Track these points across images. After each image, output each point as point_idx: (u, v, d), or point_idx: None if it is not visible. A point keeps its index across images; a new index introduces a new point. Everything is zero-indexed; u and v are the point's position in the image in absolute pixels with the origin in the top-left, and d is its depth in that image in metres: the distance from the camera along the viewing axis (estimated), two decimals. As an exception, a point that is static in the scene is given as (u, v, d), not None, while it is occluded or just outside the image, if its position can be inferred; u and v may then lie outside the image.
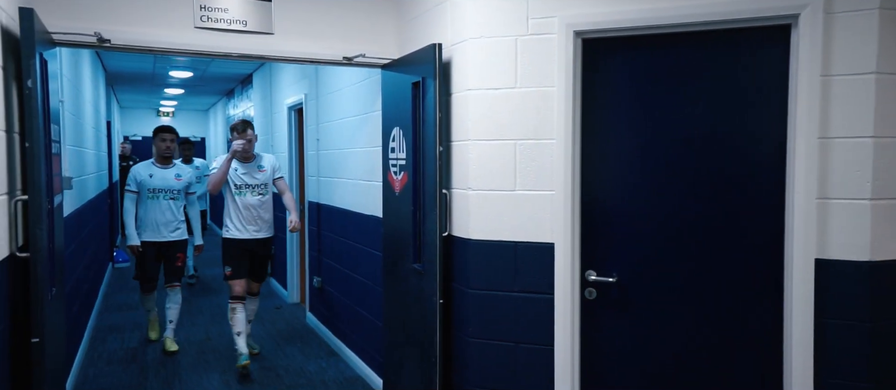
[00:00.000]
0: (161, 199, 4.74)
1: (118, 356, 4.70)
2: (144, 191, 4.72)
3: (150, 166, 4.80)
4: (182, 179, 4.85)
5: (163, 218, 4.77)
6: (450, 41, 2.84)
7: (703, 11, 2.31)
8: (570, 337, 2.57)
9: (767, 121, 2.32)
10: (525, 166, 2.61)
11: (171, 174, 4.83)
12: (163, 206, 4.76)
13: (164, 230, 4.79)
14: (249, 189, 4.37)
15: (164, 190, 4.76)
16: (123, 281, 7.48)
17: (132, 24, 2.86)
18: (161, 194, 4.75)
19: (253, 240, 4.41)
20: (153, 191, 4.72)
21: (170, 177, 4.81)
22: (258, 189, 4.42)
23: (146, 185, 4.72)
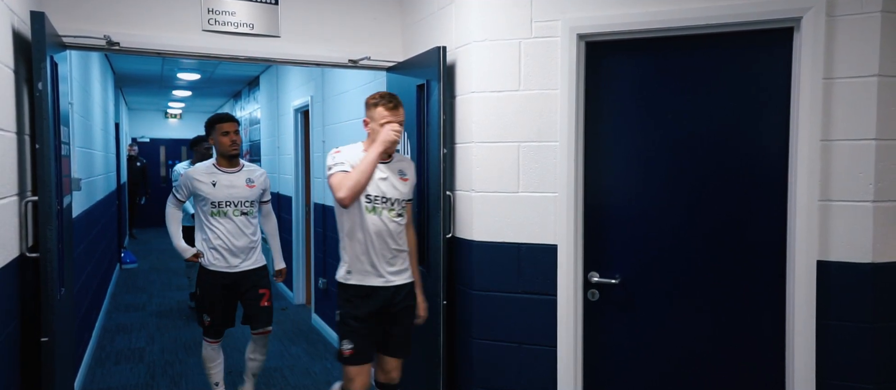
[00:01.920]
0: (230, 216, 3.40)
1: (126, 355, 4.75)
2: (204, 206, 3.42)
3: (210, 170, 3.45)
4: (255, 186, 3.48)
5: (234, 242, 3.40)
6: (454, 44, 2.86)
7: (705, 15, 2.32)
8: (573, 338, 2.58)
9: (770, 123, 2.33)
10: (528, 168, 2.62)
11: (241, 179, 3.45)
12: (233, 226, 3.39)
13: (236, 257, 3.40)
14: None
15: (233, 202, 3.41)
16: (132, 281, 7.55)
17: (141, 26, 2.89)
18: (230, 208, 3.40)
19: None
20: (218, 206, 3.39)
21: (240, 184, 3.44)
22: None
23: (207, 198, 3.39)
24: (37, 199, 2.33)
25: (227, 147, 3.45)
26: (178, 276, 7.92)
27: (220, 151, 3.48)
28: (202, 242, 3.44)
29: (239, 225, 3.43)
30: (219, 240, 3.40)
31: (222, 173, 3.47)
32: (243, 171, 3.53)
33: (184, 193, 3.53)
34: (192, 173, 3.46)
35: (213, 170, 3.48)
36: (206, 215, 3.43)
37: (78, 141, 4.62)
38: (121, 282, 7.54)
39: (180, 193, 3.55)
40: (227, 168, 3.49)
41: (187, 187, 3.48)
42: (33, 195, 2.40)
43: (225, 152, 3.47)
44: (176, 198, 3.57)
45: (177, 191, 3.56)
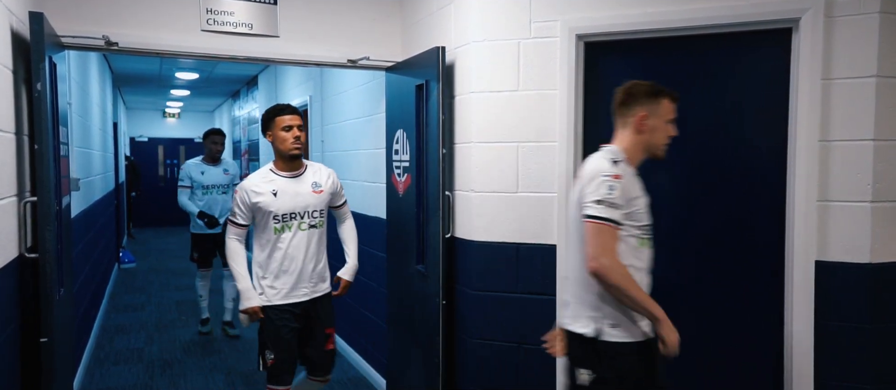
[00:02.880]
0: (297, 230, 2.73)
1: (124, 356, 4.74)
2: (264, 222, 2.71)
3: (268, 176, 2.75)
4: (323, 191, 2.82)
5: (306, 263, 2.75)
6: (453, 44, 2.86)
7: (704, 15, 2.33)
8: (572, 338, 2.58)
9: (768, 124, 2.34)
10: (527, 168, 2.63)
11: (306, 185, 2.79)
12: (300, 243, 2.74)
13: (305, 284, 2.76)
14: None
15: (299, 213, 2.74)
16: (130, 281, 7.54)
17: (139, 27, 2.89)
18: (295, 221, 2.73)
19: None
20: (281, 219, 2.71)
21: (306, 191, 2.77)
22: None
23: (268, 211, 2.69)
24: (36, 200, 2.33)
25: (289, 145, 2.72)
26: (176, 276, 7.91)
27: (282, 151, 2.74)
28: (260, 268, 2.74)
29: (307, 241, 2.75)
30: (283, 264, 2.71)
31: (283, 178, 2.75)
32: (307, 173, 2.82)
33: (245, 215, 2.72)
34: (248, 186, 2.71)
35: (270, 175, 2.76)
36: (265, 232, 2.72)
37: (76, 141, 4.61)
38: (119, 282, 7.53)
39: (242, 216, 2.72)
40: (288, 171, 2.77)
41: (246, 204, 2.70)
42: (32, 195, 2.39)
43: (287, 152, 2.73)
44: (237, 224, 2.74)
45: (237, 216, 2.73)
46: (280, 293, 2.72)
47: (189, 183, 5.06)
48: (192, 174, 5.08)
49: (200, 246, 5.20)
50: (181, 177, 5.09)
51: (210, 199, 5.10)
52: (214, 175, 5.14)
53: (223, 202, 5.12)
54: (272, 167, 2.79)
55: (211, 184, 5.11)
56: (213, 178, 5.12)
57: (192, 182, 5.06)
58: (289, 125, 2.75)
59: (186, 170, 5.11)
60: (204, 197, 5.09)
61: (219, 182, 5.15)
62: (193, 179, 5.06)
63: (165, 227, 13.31)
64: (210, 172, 5.12)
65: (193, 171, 5.09)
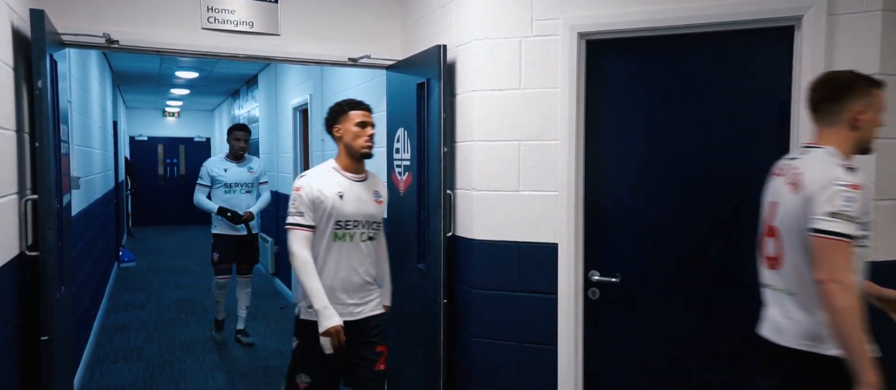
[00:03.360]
0: (357, 240, 2.46)
1: (124, 354, 4.74)
2: (323, 228, 2.41)
3: (334, 176, 2.46)
4: (382, 201, 2.58)
5: (357, 277, 2.47)
6: (454, 42, 2.86)
7: (706, 13, 2.32)
8: (573, 336, 2.58)
9: (770, 122, 2.33)
10: (529, 167, 2.62)
11: (369, 191, 2.53)
12: (358, 255, 2.47)
13: (357, 300, 2.48)
14: None
15: (361, 222, 2.47)
16: (130, 280, 7.54)
17: (140, 25, 2.89)
18: (357, 230, 2.46)
19: None
20: (344, 226, 2.43)
21: (368, 197, 2.51)
22: None
23: (331, 215, 2.40)
24: (36, 198, 2.33)
25: (362, 143, 2.45)
26: (176, 275, 7.92)
27: (353, 149, 2.45)
28: None
29: (365, 253, 2.48)
30: (338, 275, 2.42)
31: (349, 180, 2.46)
32: (370, 179, 2.55)
33: (310, 214, 2.38)
34: (312, 182, 2.40)
35: (335, 175, 2.45)
36: (321, 239, 2.41)
37: (76, 139, 4.61)
38: (119, 280, 7.53)
39: (309, 216, 2.38)
40: (354, 173, 2.49)
41: (313, 200, 2.38)
42: (33, 193, 2.39)
43: (358, 150, 2.45)
44: (304, 226, 2.38)
45: (304, 216, 2.38)
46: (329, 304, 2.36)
47: (208, 181, 4.87)
48: (212, 172, 4.87)
49: (221, 246, 4.93)
50: (200, 175, 4.91)
51: (233, 199, 4.87)
52: (238, 173, 4.93)
53: (247, 202, 4.93)
54: (335, 165, 2.48)
55: (234, 183, 4.89)
56: (236, 176, 4.91)
57: (212, 180, 4.86)
58: (363, 121, 2.48)
59: (206, 167, 4.92)
60: (226, 196, 4.87)
61: (242, 180, 4.92)
62: (214, 177, 4.86)
63: (165, 226, 13.31)
64: (233, 170, 4.92)
65: (214, 169, 4.89)
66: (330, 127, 2.54)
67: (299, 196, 2.39)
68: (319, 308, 2.32)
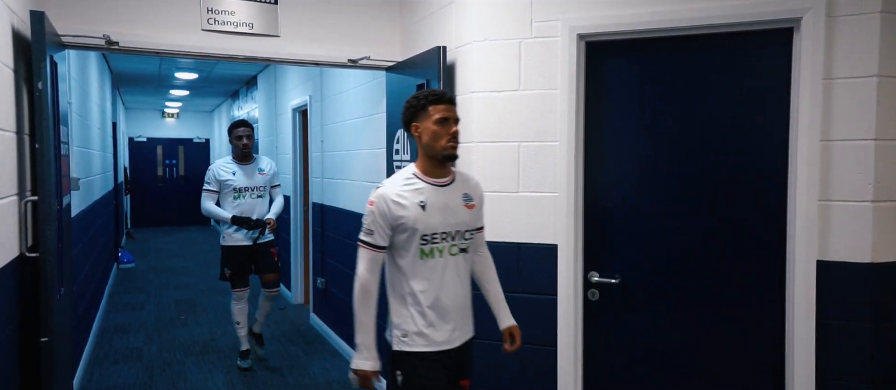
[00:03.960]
0: (447, 255, 2.09)
1: (124, 355, 4.74)
2: (405, 243, 2.05)
3: (412, 181, 2.09)
4: (474, 205, 2.18)
5: (452, 298, 2.11)
6: (454, 44, 2.86)
7: (705, 15, 2.33)
8: (573, 338, 2.58)
9: (770, 123, 2.34)
10: (528, 168, 2.62)
11: (458, 196, 2.14)
12: (451, 272, 2.10)
13: (452, 323, 2.11)
14: None
15: (450, 233, 2.10)
16: (129, 281, 7.54)
17: (140, 26, 2.89)
18: (446, 243, 2.09)
19: None
20: (430, 240, 2.05)
21: (457, 204, 2.13)
22: None
23: (414, 230, 2.03)
24: (36, 199, 2.33)
25: (444, 143, 2.05)
26: (175, 276, 7.92)
27: (435, 151, 2.06)
28: (400, 305, 2.09)
29: (458, 270, 2.13)
30: (429, 297, 2.07)
31: (432, 186, 2.09)
32: (458, 182, 2.16)
33: (386, 234, 2.04)
34: (388, 194, 2.03)
35: (415, 182, 2.08)
36: (406, 257, 2.06)
37: (76, 140, 4.61)
38: (118, 281, 7.53)
39: (381, 235, 2.04)
40: (437, 178, 2.11)
41: (387, 218, 2.03)
42: (33, 195, 2.39)
43: (441, 152, 2.05)
44: (375, 247, 2.05)
45: (374, 235, 2.04)
46: (429, 338, 2.05)
47: (216, 186, 4.30)
48: (220, 175, 4.30)
49: (233, 260, 4.29)
50: (206, 180, 4.33)
51: (244, 205, 4.29)
52: (248, 175, 4.32)
53: (259, 208, 4.34)
54: (416, 171, 2.10)
55: (245, 187, 4.29)
56: (246, 179, 4.30)
57: (220, 185, 4.29)
58: (445, 117, 2.05)
59: (213, 171, 4.34)
60: (236, 202, 4.28)
61: (254, 183, 4.33)
62: (222, 182, 4.29)
63: (164, 227, 13.32)
64: (243, 173, 4.31)
65: (222, 172, 4.31)
66: (407, 124, 2.13)
67: (371, 211, 2.05)
68: (359, 343, 2.06)
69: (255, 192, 4.36)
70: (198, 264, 8.78)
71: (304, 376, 4.34)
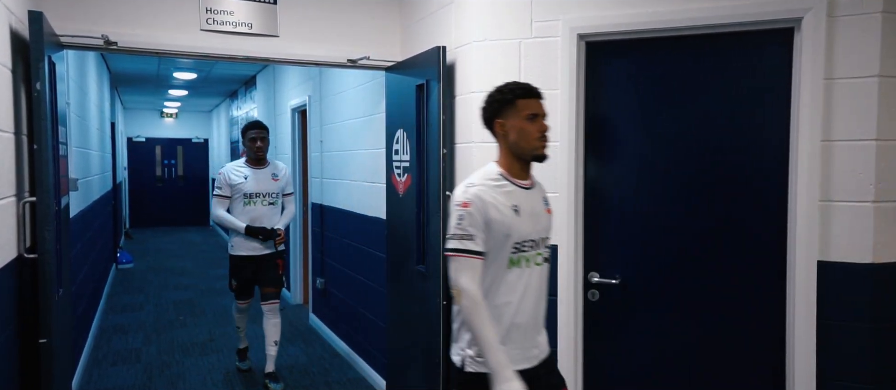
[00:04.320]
0: (533, 264, 1.95)
1: (123, 356, 4.72)
2: (498, 251, 1.89)
3: (503, 184, 1.94)
4: (551, 210, 2.09)
5: (536, 314, 1.98)
6: (454, 44, 2.85)
7: (706, 15, 2.32)
8: (573, 339, 2.58)
9: (770, 123, 2.33)
10: (529, 168, 2.61)
11: (540, 200, 2.04)
12: (536, 284, 1.96)
13: (535, 341, 1.99)
14: None
15: (536, 242, 1.97)
16: (128, 282, 7.53)
17: (138, 26, 2.88)
18: (532, 251, 1.95)
19: None
20: (519, 248, 1.91)
21: (541, 209, 2.02)
22: None
23: (509, 236, 1.88)
24: (35, 200, 2.32)
25: (534, 142, 1.92)
26: (174, 276, 7.91)
27: (524, 150, 1.92)
28: None
29: (540, 282, 1.97)
30: (518, 311, 1.90)
31: (521, 190, 1.95)
32: (538, 185, 2.05)
33: (483, 239, 1.84)
34: (484, 195, 1.86)
35: (505, 184, 1.92)
36: (491, 267, 1.88)
37: (75, 141, 4.60)
38: (117, 282, 7.51)
39: (480, 240, 1.84)
40: (523, 180, 1.97)
41: (487, 220, 1.84)
42: (31, 196, 2.38)
43: (531, 151, 1.93)
44: (475, 254, 1.83)
45: (474, 240, 1.83)
46: (510, 357, 1.83)
47: (227, 191, 4.01)
48: (231, 179, 4.01)
49: (241, 272, 4.08)
50: (217, 185, 4.07)
51: (253, 212, 4.00)
52: (260, 180, 4.04)
53: (270, 216, 4.05)
54: (502, 172, 1.94)
55: (255, 193, 4.01)
56: (258, 184, 4.02)
57: (231, 190, 4.02)
58: (535, 113, 1.91)
59: (225, 175, 4.05)
60: (246, 208, 4.00)
61: (266, 189, 4.04)
62: (233, 186, 4.01)
63: (163, 227, 13.30)
64: (255, 177, 4.03)
65: (233, 176, 4.02)
66: (489, 121, 1.97)
67: (469, 214, 1.83)
68: (495, 366, 1.76)
69: (266, 199, 4.02)
70: (196, 265, 8.77)
71: (303, 377, 4.33)
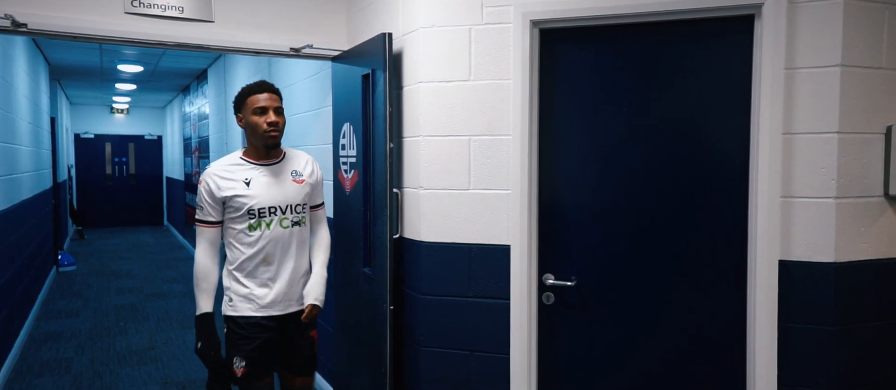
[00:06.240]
0: None
1: (50, 367, 4.38)
2: None
3: None
4: None
5: None
6: (401, 31, 2.67)
7: (665, 1, 2.19)
8: (526, 344, 2.43)
9: (731, 115, 2.22)
10: (480, 164, 2.45)
11: None
12: None
13: None
14: None
15: None
16: (68, 285, 7.10)
17: (52, 7, 2.61)
18: None
19: None
20: None
21: None
22: None
23: None
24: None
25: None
26: (117, 279, 7.51)
27: None
28: None
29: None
30: None
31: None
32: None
33: None
34: None
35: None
36: None
37: (-4, 135, 4.24)
38: (55, 286, 7.08)
39: None
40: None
41: None
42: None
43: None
44: None
45: None
46: None
47: (216, 213, 2.25)
48: (223, 190, 2.00)
49: (247, 341, 2.32)
50: (199, 204, 2.47)
51: (268, 246, 2.28)
52: (274, 183, 2.01)
53: (299, 249, 2.34)
54: None
55: (269, 207, 2.22)
56: (272, 192, 1.95)
57: (223, 208, 2.46)
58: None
59: (210, 183, 2.21)
60: (252, 237, 2.01)
61: (286, 199, 1.79)
62: (227, 200, 2.30)
63: (112, 228, 12.76)
64: (263, 179, 2.30)
65: (226, 183, 2.31)
66: None
67: None
68: None
69: (289, 216, 2.36)
70: (143, 267, 8.37)
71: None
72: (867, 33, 2.08)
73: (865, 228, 2.13)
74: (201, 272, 2.31)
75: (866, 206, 2.12)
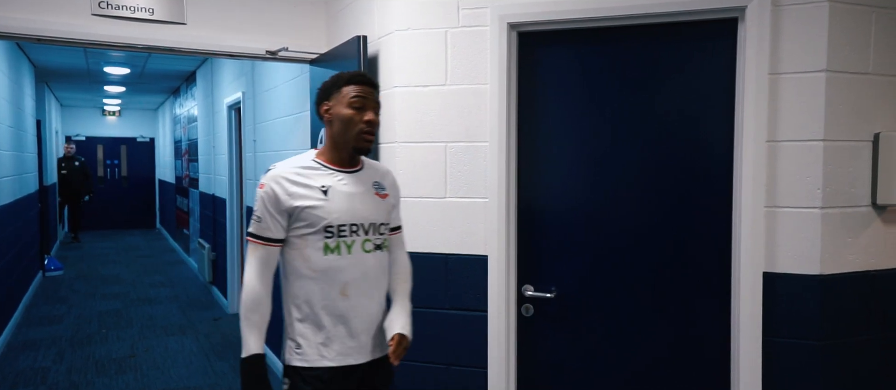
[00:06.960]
0: None
1: (25, 377, 4.28)
2: None
3: None
4: None
5: None
6: (376, 34, 2.59)
7: (646, 3, 2.12)
8: (505, 358, 2.34)
9: (715, 122, 2.14)
10: (456, 171, 2.37)
11: None
12: None
13: None
14: None
15: None
16: (53, 291, 7.00)
17: (15, 8, 2.53)
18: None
19: None
20: None
21: None
22: None
23: None
24: None
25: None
26: (104, 284, 7.41)
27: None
28: None
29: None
30: None
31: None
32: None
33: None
34: None
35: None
36: None
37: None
38: (40, 291, 6.98)
39: None
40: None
41: None
42: None
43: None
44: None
45: None
46: None
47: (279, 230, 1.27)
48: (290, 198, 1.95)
49: None
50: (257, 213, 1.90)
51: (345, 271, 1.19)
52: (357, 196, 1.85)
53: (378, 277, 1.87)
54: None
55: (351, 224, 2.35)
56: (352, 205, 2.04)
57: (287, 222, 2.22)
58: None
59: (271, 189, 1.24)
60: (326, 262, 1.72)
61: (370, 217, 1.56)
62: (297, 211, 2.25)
63: (103, 231, 12.65)
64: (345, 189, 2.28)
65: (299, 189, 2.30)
66: None
67: None
68: None
69: (372, 238, 1.88)
70: (131, 271, 8.27)
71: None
72: (854, 37, 2.01)
73: (852, 239, 2.05)
74: (252, 300, 1.76)
75: (853, 217, 2.05)
